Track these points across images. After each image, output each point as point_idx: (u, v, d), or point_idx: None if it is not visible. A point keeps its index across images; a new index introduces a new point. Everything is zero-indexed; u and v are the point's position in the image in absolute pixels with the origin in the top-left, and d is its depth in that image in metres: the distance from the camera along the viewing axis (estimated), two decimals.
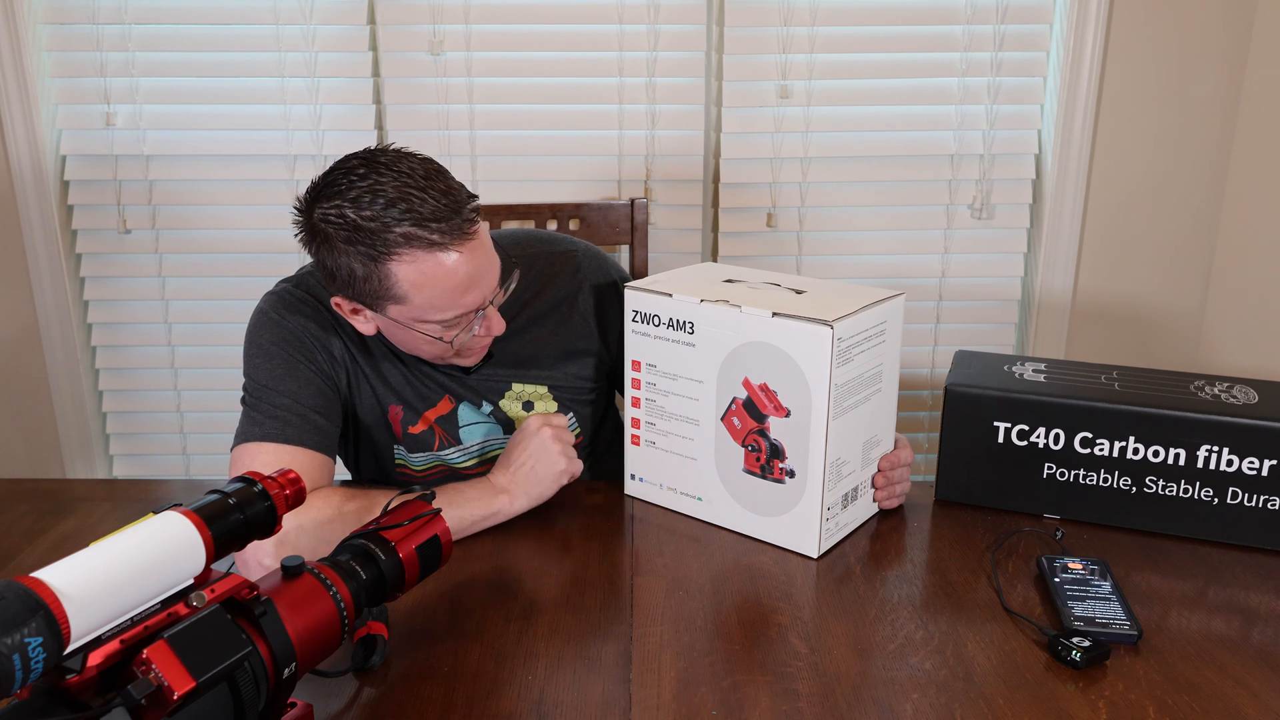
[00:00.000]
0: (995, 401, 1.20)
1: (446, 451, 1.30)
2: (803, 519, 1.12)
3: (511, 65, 1.98)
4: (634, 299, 1.19)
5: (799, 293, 1.16)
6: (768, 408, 1.11)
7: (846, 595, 1.06)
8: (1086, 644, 0.94)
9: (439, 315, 1.12)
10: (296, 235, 1.14)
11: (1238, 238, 2.05)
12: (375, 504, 1.10)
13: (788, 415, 1.10)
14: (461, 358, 1.22)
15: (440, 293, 1.10)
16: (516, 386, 1.31)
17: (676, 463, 1.21)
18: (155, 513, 0.72)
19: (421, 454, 1.29)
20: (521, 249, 1.33)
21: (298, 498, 0.80)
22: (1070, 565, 1.08)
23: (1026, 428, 1.20)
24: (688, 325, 1.15)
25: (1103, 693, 0.90)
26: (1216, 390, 1.19)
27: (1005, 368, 1.26)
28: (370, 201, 1.06)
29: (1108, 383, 1.21)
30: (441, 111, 1.99)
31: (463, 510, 1.13)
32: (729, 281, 1.21)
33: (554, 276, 1.33)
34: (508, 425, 1.31)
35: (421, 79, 1.97)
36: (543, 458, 1.18)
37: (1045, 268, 2.08)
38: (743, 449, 1.14)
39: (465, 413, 1.29)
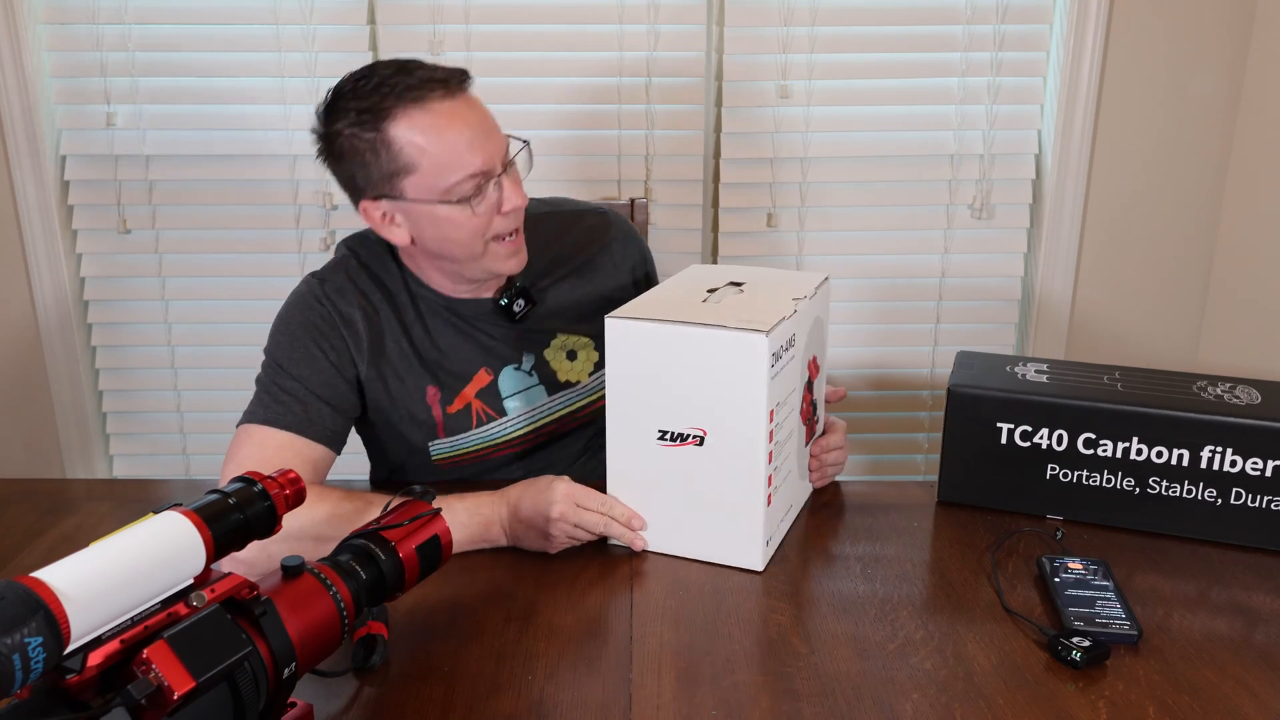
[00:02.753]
0: (998, 402, 1.20)
1: (487, 427, 1.29)
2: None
3: (511, 65, 1.98)
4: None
5: (738, 285, 1.18)
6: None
7: (846, 595, 1.06)
8: (1086, 644, 0.93)
9: (450, 178, 1.14)
10: (317, 156, 1.20)
11: (1238, 237, 2.05)
12: (372, 504, 1.10)
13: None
14: (501, 256, 1.21)
15: (442, 147, 1.13)
16: (560, 337, 1.31)
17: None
18: (155, 513, 0.72)
19: (460, 435, 1.28)
20: (549, 208, 1.38)
21: (298, 497, 0.80)
22: (1070, 565, 1.08)
23: (1029, 429, 1.19)
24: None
25: (1103, 693, 0.90)
26: (1219, 391, 1.19)
27: (1007, 368, 1.26)
28: (367, 84, 1.15)
29: (1110, 383, 1.21)
30: None
31: (463, 503, 1.12)
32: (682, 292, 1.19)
33: (585, 230, 1.37)
34: (552, 383, 1.31)
35: None
36: (557, 489, 1.11)
37: (1045, 268, 2.08)
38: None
39: (506, 381, 1.28)
